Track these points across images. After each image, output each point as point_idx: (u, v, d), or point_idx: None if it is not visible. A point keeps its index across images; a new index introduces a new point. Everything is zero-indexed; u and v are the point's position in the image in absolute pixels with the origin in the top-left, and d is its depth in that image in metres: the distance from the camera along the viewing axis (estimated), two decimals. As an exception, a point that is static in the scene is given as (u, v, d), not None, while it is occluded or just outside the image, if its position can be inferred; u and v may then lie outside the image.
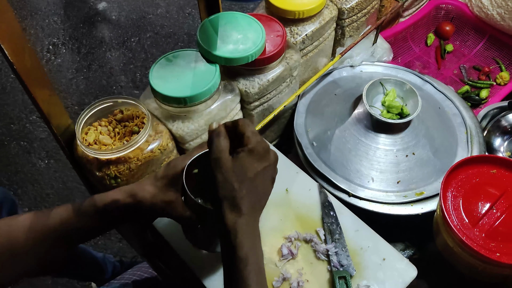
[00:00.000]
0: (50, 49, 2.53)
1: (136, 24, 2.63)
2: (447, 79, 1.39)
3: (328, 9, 1.03)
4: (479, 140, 1.04)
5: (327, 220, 0.88)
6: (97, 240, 1.85)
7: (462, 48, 1.46)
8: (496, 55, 1.41)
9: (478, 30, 1.42)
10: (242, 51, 0.86)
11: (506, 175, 0.87)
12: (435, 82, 1.14)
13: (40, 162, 2.11)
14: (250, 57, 0.86)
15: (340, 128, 1.02)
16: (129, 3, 2.74)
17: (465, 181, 0.86)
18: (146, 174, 0.82)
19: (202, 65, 0.87)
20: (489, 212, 0.82)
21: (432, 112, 1.07)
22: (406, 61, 1.43)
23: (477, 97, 1.32)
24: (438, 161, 0.99)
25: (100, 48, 2.53)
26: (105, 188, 0.80)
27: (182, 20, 2.65)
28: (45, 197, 2.01)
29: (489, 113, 1.16)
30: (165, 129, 0.84)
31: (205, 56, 0.87)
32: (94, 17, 2.68)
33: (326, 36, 1.06)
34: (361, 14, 1.11)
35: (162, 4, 2.73)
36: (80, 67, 2.45)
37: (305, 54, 1.05)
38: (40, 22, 2.67)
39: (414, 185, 0.96)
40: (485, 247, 0.78)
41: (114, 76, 2.41)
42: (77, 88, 2.36)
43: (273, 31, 0.94)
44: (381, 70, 1.17)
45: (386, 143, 0.99)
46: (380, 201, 0.94)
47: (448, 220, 0.80)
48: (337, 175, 0.97)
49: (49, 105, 0.77)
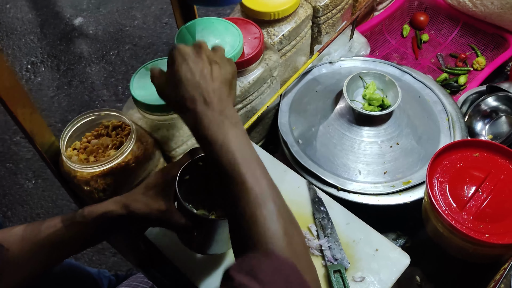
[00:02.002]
0: (29, 68, 2.51)
1: (114, 37, 2.62)
2: (425, 68, 1.41)
3: (303, 8, 1.05)
4: (460, 125, 1.06)
5: (318, 216, 0.89)
6: (91, 255, 1.84)
7: (438, 37, 1.49)
8: (471, 41, 1.44)
9: (452, 18, 1.45)
10: None
11: (489, 157, 0.88)
12: (413, 72, 1.16)
13: (28, 182, 2.09)
14: None
15: (324, 124, 1.03)
16: (105, 17, 2.73)
17: (450, 166, 0.88)
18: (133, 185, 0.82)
19: None
20: (476, 195, 0.83)
21: (412, 102, 1.08)
22: (384, 54, 1.45)
23: (456, 84, 1.34)
24: (422, 149, 1.01)
25: (79, 64, 2.51)
26: (94, 201, 0.79)
27: (160, 30, 2.65)
28: (35, 217, 2.00)
29: (468, 98, 1.18)
30: (150, 138, 0.84)
31: None
32: (71, 33, 2.66)
33: (303, 35, 1.07)
34: (335, 10, 1.12)
35: (138, 16, 2.73)
36: (61, 84, 2.43)
37: (284, 54, 1.06)
38: (16, 41, 2.65)
39: (400, 175, 0.98)
40: (474, 229, 0.79)
41: (96, 90, 2.40)
42: (60, 105, 2.34)
43: (250, 34, 0.95)
44: (360, 64, 1.18)
45: (370, 135, 1.00)
46: (369, 193, 0.95)
47: (436, 206, 0.81)
48: (324, 170, 0.98)
49: (31, 123, 0.76)
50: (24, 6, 2.84)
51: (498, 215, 0.81)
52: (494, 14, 1.32)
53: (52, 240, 0.66)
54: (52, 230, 0.66)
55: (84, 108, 2.32)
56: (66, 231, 0.66)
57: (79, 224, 0.67)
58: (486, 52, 1.40)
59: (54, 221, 0.67)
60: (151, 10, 2.75)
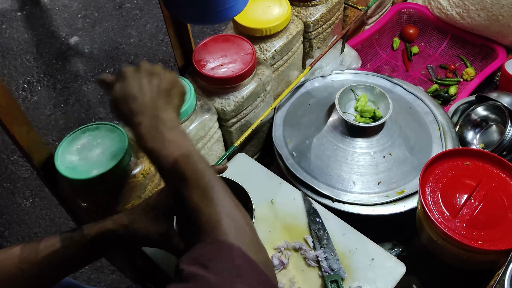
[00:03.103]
0: (26, 88, 2.53)
1: (109, 55, 2.65)
2: (416, 80, 1.44)
3: (294, 24, 1.07)
4: (451, 135, 1.08)
5: (314, 227, 0.90)
6: (89, 274, 1.83)
7: (427, 49, 1.52)
8: (460, 53, 1.46)
9: (441, 31, 1.48)
10: None
11: (479, 165, 0.90)
12: (404, 83, 1.18)
13: (25, 201, 2.09)
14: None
15: (318, 136, 1.05)
16: (100, 35, 2.76)
17: (442, 175, 0.89)
18: (132, 199, 0.83)
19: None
20: (468, 203, 0.85)
21: (404, 113, 1.10)
22: (375, 67, 1.48)
23: (447, 94, 1.36)
24: (415, 159, 1.02)
25: (75, 82, 2.53)
26: (92, 219, 0.80)
27: (156, 48, 2.67)
28: (33, 236, 1.99)
29: (459, 108, 1.21)
30: (147, 154, 0.85)
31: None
32: (67, 52, 2.68)
33: (295, 49, 1.10)
34: (326, 25, 1.15)
35: (134, 34, 2.75)
36: (58, 103, 2.44)
37: (276, 68, 1.08)
38: (12, 61, 2.67)
39: (394, 185, 0.99)
40: (467, 237, 0.80)
41: (92, 108, 2.41)
42: (57, 123, 2.35)
43: (242, 50, 0.97)
44: (351, 77, 1.20)
45: (363, 146, 1.02)
46: (363, 203, 0.97)
47: (429, 215, 0.82)
48: (319, 182, 1.00)
49: (28, 141, 0.77)
50: (19, 26, 2.87)
51: (490, 222, 0.82)
52: (481, 26, 1.35)
53: (51, 259, 0.65)
54: (51, 250, 0.66)
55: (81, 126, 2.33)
56: (64, 251, 0.66)
57: (78, 243, 0.66)
58: (475, 63, 1.43)
59: (52, 240, 0.67)
60: (146, 28, 2.77)
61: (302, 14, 1.10)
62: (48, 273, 0.67)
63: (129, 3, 2.94)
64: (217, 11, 0.74)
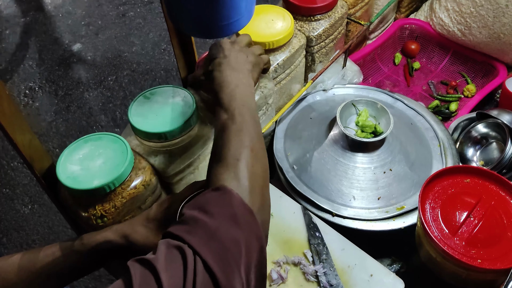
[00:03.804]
0: (27, 94, 2.54)
1: (112, 63, 2.66)
2: (417, 95, 1.44)
3: (297, 38, 1.08)
4: (452, 152, 1.08)
5: (314, 242, 0.90)
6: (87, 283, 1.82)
7: (429, 65, 1.52)
8: (461, 69, 1.47)
9: (442, 47, 1.49)
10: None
11: (479, 183, 0.90)
12: (405, 99, 1.19)
13: (24, 208, 2.09)
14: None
15: (318, 150, 1.05)
16: (103, 42, 2.78)
17: (441, 192, 0.89)
18: (132, 211, 0.83)
19: (180, 100, 0.89)
20: (467, 221, 0.85)
21: (405, 128, 1.11)
22: (377, 81, 1.49)
23: (447, 110, 1.37)
24: (415, 175, 1.03)
25: (77, 89, 2.54)
26: (92, 228, 0.80)
27: (158, 56, 2.69)
28: (31, 243, 1.98)
29: (459, 125, 1.21)
30: (148, 164, 0.86)
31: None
32: (70, 58, 2.70)
33: (297, 63, 1.10)
34: (328, 40, 1.16)
35: (137, 42, 2.77)
36: (59, 109, 2.45)
37: (279, 82, 1.08)
38: (15, 67, 2.68)
39: (394, 200, 0.99)
40: (466, 255, 0.80)
41: (93, 116, 2.42)
42: (58, 130, 2.36)
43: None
44: (353, 91, 1.21)
45: (364, 161, 1.02)
46: (363, 218, 0.97)
47: (429, 232, 0.82)
48: (319, 196, 1.00)
49: (30, 149, 0.78)
50: (23, 32, 2.88)
51: (490, 240, 0.82)
52: (482, 43, 1.36)
53: (50, 268, 0.66)
54: (50, 259, 0.66)
55: (82, 133, 2.33)
56: (64, 260, 0.66)
57: (77, 252, 0.67)
58: (476, 80, 1.44)
59: (51, 249, 0.67)
60: (149, 37, 2.79)
61: (305, 28, 1.11)
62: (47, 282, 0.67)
63: (133, 12, 2.96)
64: (221, 25, 0.75)
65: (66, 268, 0.68)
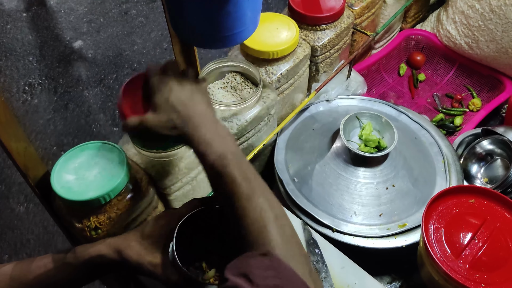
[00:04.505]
0: (26, 90, 2.51)
1: (113, 62, 2.63)
2: (421, 108, 1.42)
3: (302, 48, 1.05)
4: (456, 168, 1.06)
5: (313, 259, 0.88)
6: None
7: (434, 77, 1.50)
8: (467, 82, 1.45)
9: (448, 59, 1.47)
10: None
11: (484, 204, 0.88)
12: (409, 112, 1.17)
13: (19, 206, 2.06)
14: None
15: (320, 163, 1.03)
16: (105, 40, 2.75)
17: (446, 212, 0.87)
18: (127, 222, 0.81)
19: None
20: (471, 243, 0.83)
21: (408, 143, 1.08)
22: (381, 92, 1.46)
23: (452, 125, 1.35)
24: (418, 192, 1.00)
25: (77, 87, 2.51)
26: (86, 239, 0.78)
27: (160, 56, 2.67)
28: (25, 243, 1.96)
29: (464, 140, 1.19)
30: (145, 175, 0.84)
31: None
32: (70, 55, 2.67)
33: (301, 73, 1.08)
34: (333, 50, 1.14)
35: (138, 41, 2.74)
36: (58, 107, 2.42)
37: (281, 92, 1.06)
38: (15, 62, 2.65)
39: (396, 217, 0.97)
40: (469, 279, 0.78)
41: (92, 114, 2.39)
42: (55, 128, 2.33)
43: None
44: (357, 103, 1.19)
45: (366, 176, 1.00)
46: (364, 235, 0.95)
47: (432, 253, 0.80)
48: (319, 210, 0.97)
49: (25, 157, 0.76)
50: (24, 27, 2.85)
51: (494, 264, 0.80)
52: (489, 57, 1.34)
53: (42, 280, 0.65)
54: (42, 270, 0.65)
55: (80, 132, 2.31)
56: (56, 272, 0.65)
57: (70, 265, 0.65)
58: (482, 94, 1.42)
59: (43, 260, 0.66)
60: (151, 36, 2.77)
61: (310, 38, 1.09)
62: None
63: (135, 10, 2.93)
64: (225, 36, 0.72)
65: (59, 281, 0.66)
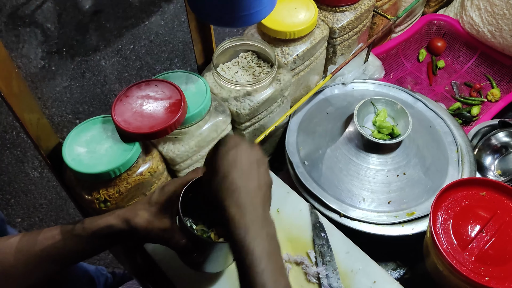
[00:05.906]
0: (44, 57, 2.52)
1: (131, 32, 2.63)
2: (439, 96, 1.40)
3: (320, 29, 1.04)
4: (469, 159, 1.05)
5: (318, 242, 0.88)
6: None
7: (454, 64, 1.47)
8: (487, 72, 1.42)
9: (470, 47, 1.43)
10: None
11: (495, 197, 0.87)
12: (426, 100, 1.15)
13: (34, 171, 2.10)
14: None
15: (332, 147, 1.03)
16: (123, 11, 2.74)
17: (455, 203, 0.86)
18: (136, 197, 0.82)
19: (193, 87, 0.87)
20: (479, 235, 0.82)
21: (423, 131, 1.07)
22: (398, 77, 1.44)
23: (468, 114, 1.32)
24: (429, 181, 1.00)
25: (94, 56, 2.52)
26: (95, 211, 0.80)
27: (177, 28, 2.65)
28: (38, 207, 2.00)
29: (480, 131, 1.17)
30: (156, 151, 0.84)
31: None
32: (88, 24, 2.67)
33: (318, 55, 1.06)
34: (352, 32, 1.11)
35: (156, 11, 2.73)
36: (75, 75, 2.43)
37: (297, 73, 1.05)
38: (34, 29, 2.66)
39: (405, 205, 0.97)
40: (474, 271, 0.78)
41: (108, 84, 2.40)
42: (71, 96, 2.35)
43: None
44: (373, 87, 1.17)
45: (377, 163, 0.99)
46: (371, 221, 0.95)
47: (438, 244, 0.80)
48: (328, 194, 0.97)
49: (38, 128, 0.76)
50: (44, -6, 2.85)
51: (500, 258, 0.80)
52: (513, 47, 1.30)
53: (49, 252, 0.65)
54: (50, 242, 0.65)
55: (95, 101, 2.33)
56: (64, 243, 0.65)
57: (78, 236, 0.66)
58: (502, 84, 1.39)
59: (51, 232, 0.66)
60: (170, 7, 2.75)
61: (329, 19, 1.07)
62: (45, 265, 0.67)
63: (155, -19, 2.90)
64: (242, 15, 0.72)
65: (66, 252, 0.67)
